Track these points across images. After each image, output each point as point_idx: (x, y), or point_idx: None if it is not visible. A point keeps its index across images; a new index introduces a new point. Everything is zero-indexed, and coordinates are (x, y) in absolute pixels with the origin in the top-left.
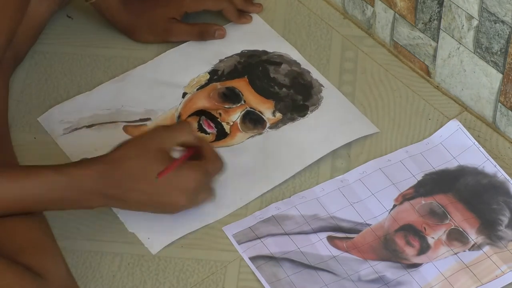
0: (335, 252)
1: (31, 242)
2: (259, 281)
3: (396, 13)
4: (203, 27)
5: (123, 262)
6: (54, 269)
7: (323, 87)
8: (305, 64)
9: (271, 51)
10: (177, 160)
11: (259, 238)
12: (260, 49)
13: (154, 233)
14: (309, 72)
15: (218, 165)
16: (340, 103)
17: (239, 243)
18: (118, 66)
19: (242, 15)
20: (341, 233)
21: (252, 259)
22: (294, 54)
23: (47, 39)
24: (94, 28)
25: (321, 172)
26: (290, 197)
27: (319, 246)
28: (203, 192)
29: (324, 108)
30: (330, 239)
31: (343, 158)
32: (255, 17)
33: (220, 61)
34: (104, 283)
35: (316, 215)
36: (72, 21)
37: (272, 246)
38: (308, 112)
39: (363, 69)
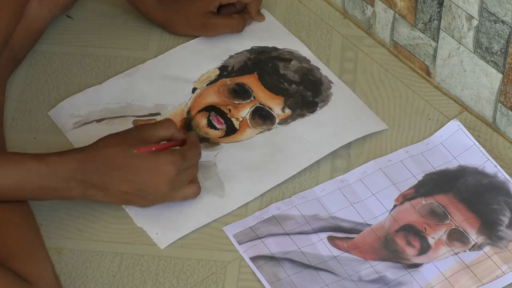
0: (336, 252)
1: (21, 249)
2: (259, 281)
3: (396, 13)
4: (239, 19)
5: (123, 262)
6: (41, 276)
7: (333, 83)
8: (314, 61)
9: (281, 48)
10: (160, 145)
11: (260, 238)
12: (270, 45)
13: (162, 228)
14: (318, 69)
15: (195, 151)
16: (350, 100)
17: (240, 243)
18: (118, 66)
19: (260, 12)
20: (341, 233)
21: (253, 259)
22: (304, 50)
23: (47, 39)
24: (94, 28)
25: (321, 172)
26: (290, 197)
27: (319, 246)
28: (185, 181)
29: (333, 104)
30: (331, 239)
31: (343, 158)
32: (266, 14)
33: (230, 57)
34: (104, 283)
35: (316, 215)
36: (72, 21)
37: (273, 246)
38: (318, 109)
39: (363, 69)
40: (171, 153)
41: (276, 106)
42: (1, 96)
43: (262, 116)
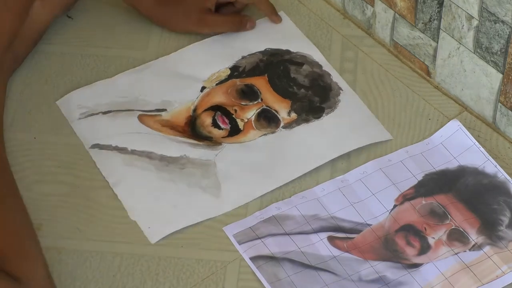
0: (336, 252)
1: (13, 247)
2: (259, 281)
3: (396, 13)
4: (237, 18)
5: (123, 262)
6: (32, 274)
7: (342, 90)
8: (326, 66)
9: (295, 51)
10: None
11: (260, 238)
12: (284, 48)
13: (155, 223)
14: (329, 75)
15: None
16: (357, 108)
17: (240, 243)
18: (118, 66)
19: (276, 12)
20: (341, 233)
21: (253, 259)
22: (317, 55)
23: (47, 39)
24: (94, 28)
25: (321, 172)
26: (290, 197)
27: (319, 246)
28: None
29: (339, 111)
30: (331, 239)
31: (343, 158)
32: (283, 16)
33: (243, 57)
34: (104, 283)
35: (316, 215)
36: (72, 21)
37: (273, 246)
38: (323, 115)
39: (363, 69)
40: None
41: (283, 110)
42: (1, 96)
43: (267, 118)
